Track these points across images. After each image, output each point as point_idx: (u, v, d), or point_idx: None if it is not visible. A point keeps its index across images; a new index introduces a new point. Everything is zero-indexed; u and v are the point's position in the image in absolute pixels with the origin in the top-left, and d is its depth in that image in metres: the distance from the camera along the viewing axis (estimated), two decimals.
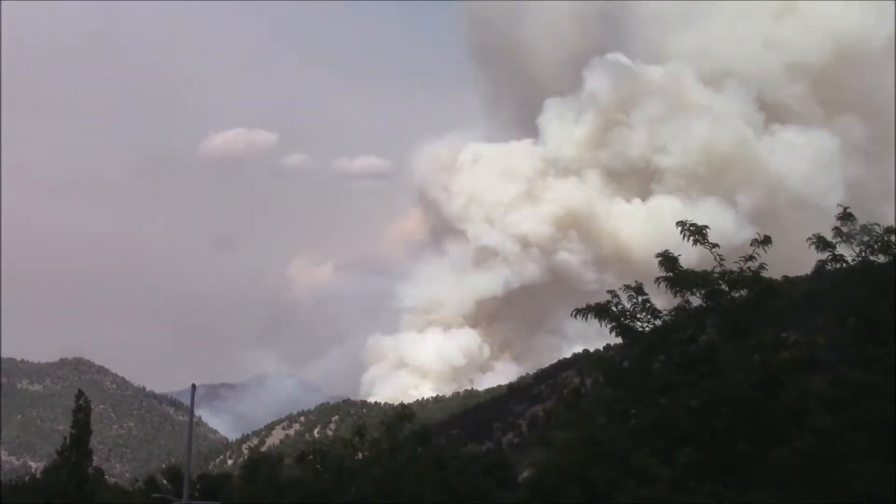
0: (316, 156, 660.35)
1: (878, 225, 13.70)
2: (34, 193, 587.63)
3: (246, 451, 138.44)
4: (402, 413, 28.79)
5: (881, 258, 13.57)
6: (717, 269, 14.09)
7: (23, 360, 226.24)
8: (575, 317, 14.50)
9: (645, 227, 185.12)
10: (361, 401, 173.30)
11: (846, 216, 13.92)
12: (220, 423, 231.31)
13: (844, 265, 13.79)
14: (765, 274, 13.99)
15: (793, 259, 16.32)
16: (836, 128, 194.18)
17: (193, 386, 44.27)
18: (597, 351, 77.75)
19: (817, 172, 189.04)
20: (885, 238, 13.54)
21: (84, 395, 40.41)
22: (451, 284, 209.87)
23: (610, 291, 14.40)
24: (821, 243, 13.86)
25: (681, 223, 14.39)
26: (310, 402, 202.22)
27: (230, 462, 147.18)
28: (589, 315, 14.33)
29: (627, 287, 14.39)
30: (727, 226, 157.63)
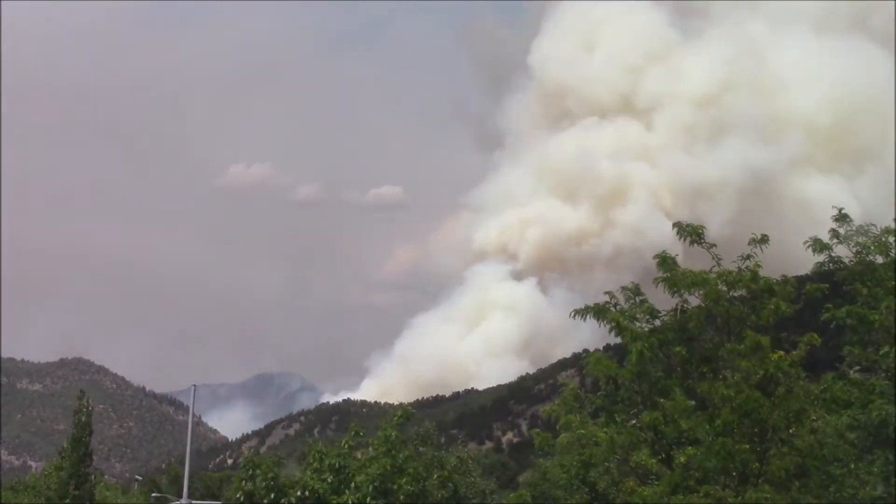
0: (325, 184, 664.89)
1: (875, 225, 13.67)
2: (37, 196, 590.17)
3: (246, 451, 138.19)
4: (402, 413, 28.75)
5: (879, 259, 13.54)
6: (715, 269, 14.06)
7: (23, 360, 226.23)
8: (574, 317, 14.45)
9: None
10: (361, 400, 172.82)
11: (842, 217, 13.88)
12: (220, 423, 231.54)
13: (842, 266, 13.76)
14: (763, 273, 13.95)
15: None
16: None
17: (194, 386, 44.31)
18: (596, 351, 77.80)
19: None
20: (883, 239, 13.51)
21: (85, 394, 40.24)
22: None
23: (608, 293, 14.37)
24: (817, 245, 13.81)
25: (677, 224, 14.34)
26: (310, 402, 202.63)
27: (230, 462, 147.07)
28: (588, 315, 14.29)
29: (625, 288, 14.36)
30: None
